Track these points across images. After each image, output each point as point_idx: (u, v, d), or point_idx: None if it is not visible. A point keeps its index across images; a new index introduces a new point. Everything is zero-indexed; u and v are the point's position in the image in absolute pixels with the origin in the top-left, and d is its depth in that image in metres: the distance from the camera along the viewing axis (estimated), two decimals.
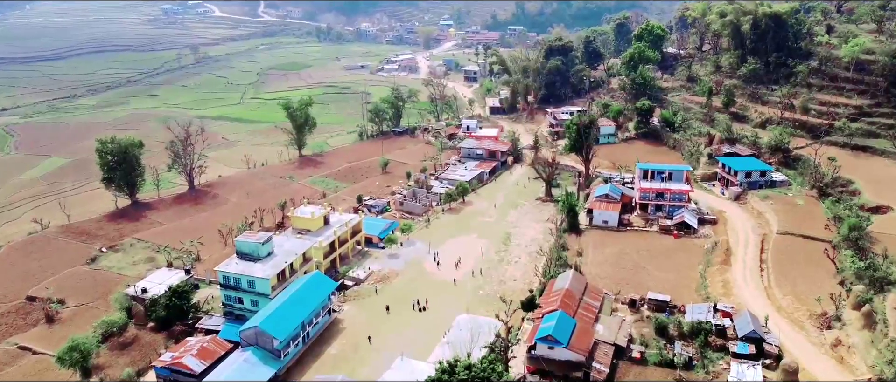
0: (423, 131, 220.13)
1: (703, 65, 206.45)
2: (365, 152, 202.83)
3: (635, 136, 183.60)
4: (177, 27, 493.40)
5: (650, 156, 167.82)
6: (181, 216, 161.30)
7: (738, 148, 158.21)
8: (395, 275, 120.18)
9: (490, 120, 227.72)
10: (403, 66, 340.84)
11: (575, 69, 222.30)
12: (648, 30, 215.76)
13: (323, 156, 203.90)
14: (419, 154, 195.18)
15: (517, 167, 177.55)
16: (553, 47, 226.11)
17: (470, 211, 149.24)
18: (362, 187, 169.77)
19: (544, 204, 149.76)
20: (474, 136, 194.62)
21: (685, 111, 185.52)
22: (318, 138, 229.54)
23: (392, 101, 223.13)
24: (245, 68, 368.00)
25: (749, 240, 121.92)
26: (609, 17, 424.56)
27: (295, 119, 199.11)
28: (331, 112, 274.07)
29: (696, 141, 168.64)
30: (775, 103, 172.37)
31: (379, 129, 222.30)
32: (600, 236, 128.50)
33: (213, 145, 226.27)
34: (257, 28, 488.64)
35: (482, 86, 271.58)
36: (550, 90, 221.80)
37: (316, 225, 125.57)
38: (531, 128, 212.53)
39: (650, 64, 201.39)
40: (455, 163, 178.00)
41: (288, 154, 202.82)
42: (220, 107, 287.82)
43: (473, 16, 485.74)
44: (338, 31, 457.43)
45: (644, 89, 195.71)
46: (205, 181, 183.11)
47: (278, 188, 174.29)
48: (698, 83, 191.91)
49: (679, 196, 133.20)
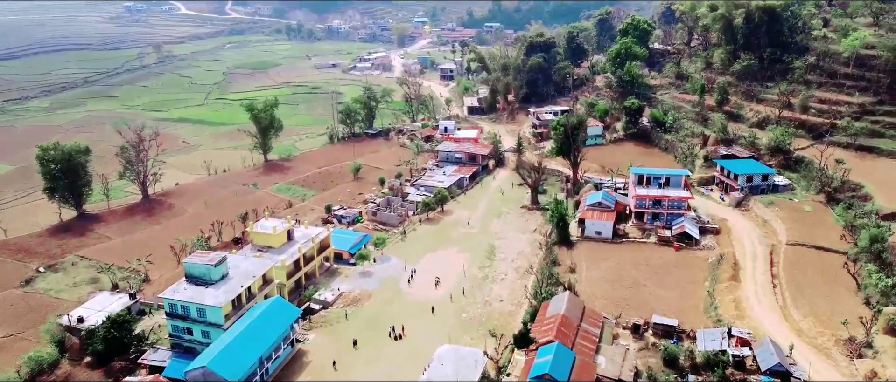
0: (398, 133, 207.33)
1: (693, 62, 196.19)
2: (335, 156, 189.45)
3: (624, 137, 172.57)
4: (140, 25, 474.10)
5: (641, 159, 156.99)
6: (132, 229, 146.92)
7: (735, 149, 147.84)
8: (367, 297, 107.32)
9: (469, 120, 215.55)
10: (377, 65, 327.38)
11: (558, 66, 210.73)
12: (634, 25, 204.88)
13: (290, 160, 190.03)
14: (394, 157, 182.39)
15: (499, 171, 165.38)
16: (534, 43, 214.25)
17: (449, 221, 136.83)
18: (332, 195, 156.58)
19: (530, 212, 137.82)
20: (452, 139, 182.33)
21: (676, 110, 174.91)
22: (286, 141, 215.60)
23: (364, 102, 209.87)
24: (210, 67, 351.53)
25: (757, 252, 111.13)
26: (587, 13, 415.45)
27: (259, 121, 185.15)
28: (300, 113, 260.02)
29: (690, 142, 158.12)
30: (772, 101, 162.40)
31: (350, 131, 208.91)
32: (594, 249, 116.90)
33: (171, 150, 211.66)
34: (224, 26, 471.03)
35: (459, 84, 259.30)
36: (532, 88, 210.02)
37: (278, 240, 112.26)
38: (513, 129, 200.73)
39: (637, 60, 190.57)
40: (432, 167, 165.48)
41: (252, 159, 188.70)
42: (183, 108, 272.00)
43: (449, 13, 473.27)
44: (308, 28, 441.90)
45: (631, 87, 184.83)
46: (160, 190, 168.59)
47: (240, 197, 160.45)
48: (689, 81, 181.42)
49: (678, 203, 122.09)
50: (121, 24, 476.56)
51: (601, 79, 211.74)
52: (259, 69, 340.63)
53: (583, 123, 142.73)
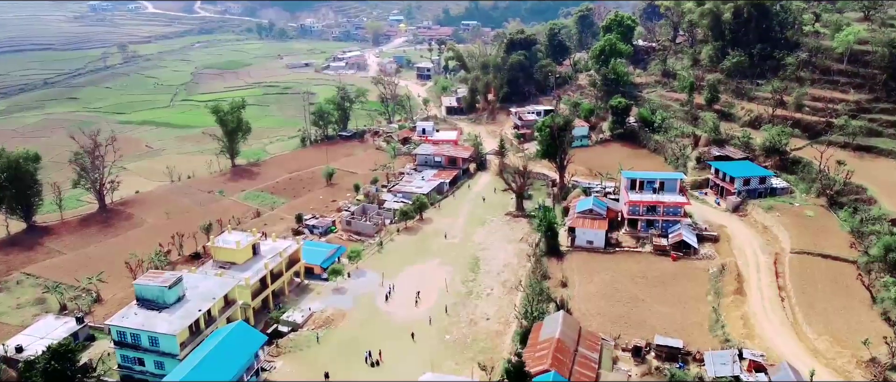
0: (374, 135, 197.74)
1: (679, 59, 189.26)
2: (308, 160, 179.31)
3: (611, 138, 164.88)
4: (105, 24, 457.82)
5: (630, 161, 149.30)
6: (86, 242, 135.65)
7: (728, 150, 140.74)
8: (340, 317, 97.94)
9: (447, 121, 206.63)
10: (351, 64, 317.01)
11: (539, 64, 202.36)
12: (618, 21, 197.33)
13: (259, 165, 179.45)
14: (369, 161, 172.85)
15: (481, 175, 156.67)
16: (515, 41, 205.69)
17: (429, 230, 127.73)
18: (304, 203, 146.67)
19: (515, 220, 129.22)
20: (431, 141, 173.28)
21: (664, 109, 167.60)
22: (256, 144, 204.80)
23: (338, 102, 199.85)
24: (178, 68, 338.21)
25: (760, 262, 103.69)
26: (566, 10, 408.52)
27: (225, 124, 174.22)
28: (271, 114, 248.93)
29: (681, 142, 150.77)
30: (764, 99, 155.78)
31: (324, 134, 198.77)
32: (586, 260, 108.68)
33: (133, 155, 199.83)
34: (194, 25, 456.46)
35: (437, 84, 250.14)
36: (513, 87, 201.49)
37: (242, 256, 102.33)
38: (494, 130, 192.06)
39: (622, 58, 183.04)
40: (410, 172, 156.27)
41: (218, 164, 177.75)
42: (147, 110, 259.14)
43: (425, 11, 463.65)
44: (280, 27, 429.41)
45: (617, 86, 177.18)
46: (119, 198, 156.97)
47: (205, 205, 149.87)
48: (677, 79, 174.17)
49: (673, 209, 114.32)
50: (85, 24, 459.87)
51: (584, 77, 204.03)
52: (229, 69, 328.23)
53: (570, 124, 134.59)
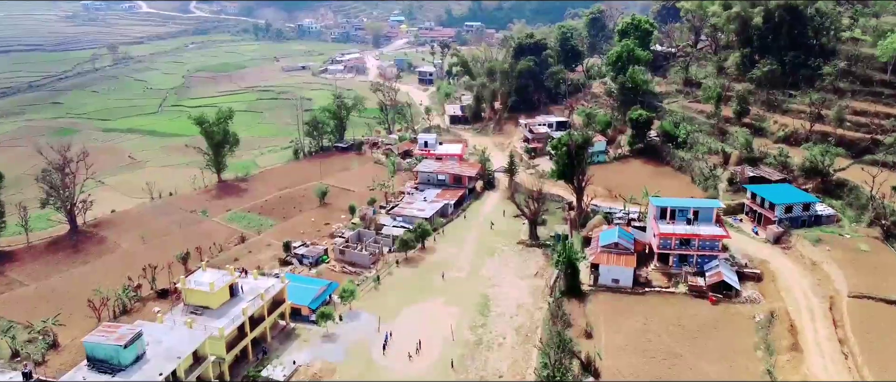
0: (372, 146, 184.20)
1: (703, 66, 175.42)
2: (301, 174, 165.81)
3: (630, 154, 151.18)
4: (97, 24, 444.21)
5: (653, 180, 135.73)
6: (52, 271, 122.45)
7: (763, 170, 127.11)
8: (330, 372, 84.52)
9: (451, 131, 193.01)
10: (349, 67, 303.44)
11: (550, 71, 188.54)
12: (634, 24, 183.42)
13: (248, 180, 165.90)
14: (366, 177, 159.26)
15: (489, 195, 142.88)
16: (524, 45, 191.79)
17: (432, 261, 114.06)
18: (294, 226, 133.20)
19: (528, 249, 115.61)
20: (433, 155, 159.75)
21: (688, 122, 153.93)
22: (246, 155, 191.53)
23: (334, 111, 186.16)
24: (169, 70, 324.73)
25: (813, 307, 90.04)
26: (572, 11, 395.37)
27: (211, 136, 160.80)
28: (264, 121, 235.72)
29: (709, 161, 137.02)
30: (798, 112, 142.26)
31: (318, 145, 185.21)
32: (612, 303, 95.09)
33: (114, 167, 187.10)
34: (188, 25, 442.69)
35: (440, 90, 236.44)
36: (522, 95, 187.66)
37: (217, 299, 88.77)
38: (501, 142, 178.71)
39: (641, 64, 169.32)
40: (411, 191, 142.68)
41: (203, 179, 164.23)
42: (134, 117, 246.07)
43: (426, 11, 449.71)
44: (277, 28, 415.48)
45: (635, 95, 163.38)
46: (92, 219, 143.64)
47: (185, 228, 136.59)
48: (701, 88, 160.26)
49: (710, 243, 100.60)
50: (77, 23, 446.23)
51: (598, 84, 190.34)
52: (222, 72, 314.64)
53: (589, 142, 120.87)
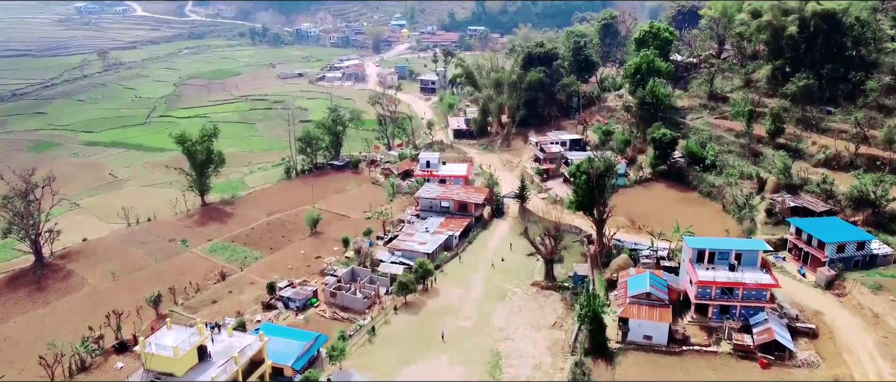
0: (370, 164, 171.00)
1: (728, 79, 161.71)
2: (292, 196, 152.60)
3: (653, 176, 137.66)
4: (90, 28, 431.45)
5: (679, 208, 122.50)
6: (10, 312, 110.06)
7: (805, 200, 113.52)
8: None
9: (455, 147, 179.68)
10: (348, 75, 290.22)
11: (562, 83, 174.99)
12: (653, 32, 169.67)
13: (234, 203, 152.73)
14: (363, 200, 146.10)
15: (498, 224, 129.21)
16: (533, 55, 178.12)
17: (435, 306, 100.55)
18: (281, 259, 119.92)
19: (544, 293, 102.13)
20: (436, 176, 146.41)
21: (715, 141, 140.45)
22: (235, 173, 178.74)
23: (329, 126, 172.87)
24: (161, 77, 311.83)
25: (883, 374, 76.48)
26: (579, 15, 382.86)
27: (194, 156, 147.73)
28: (257, 134, 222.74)
29: (741, 186, 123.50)
30: (838, 132, 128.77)
31: (312, 162, 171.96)
32: (644, 364, 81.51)
33: (90, 188, 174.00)
34: (183, 29, 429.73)
35: (443, 101, 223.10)
36: (531, 109, 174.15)
37: (184, 365, 75.23)
38: (509, 161, 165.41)
39: (662, 77, 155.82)
40: (411, 219, 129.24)
41: (185, 202, 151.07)
42: (120, 128, 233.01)
43: (428, 14, 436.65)
44: (274, 32, 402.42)
45: (656, 110, 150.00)
46: (61, 249, 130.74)
47: (162, 261, 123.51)
48: (731, 104, 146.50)
49: (756, 293, 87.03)
50: (68, 27, 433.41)
51: (613, 97, 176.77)
52: (216, 79, 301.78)
53: (611, 168, 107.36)
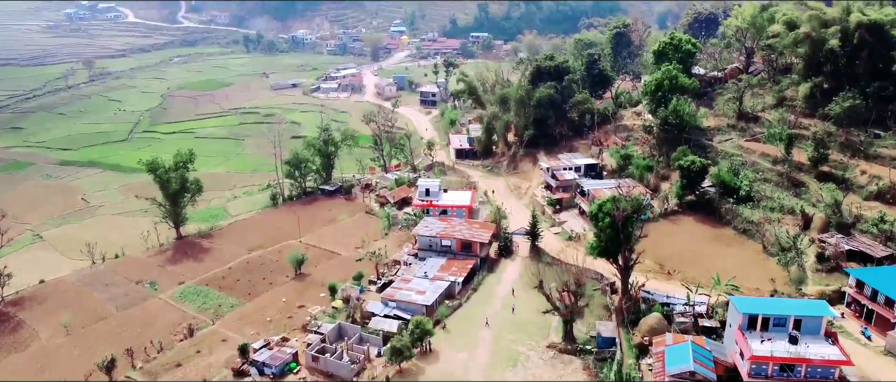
0: (365, 189, 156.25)
1: (758, 96, 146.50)
2: (276, 228, 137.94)
3: (679, 208, 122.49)
4: (79, 35, 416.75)
5: (712, 248, 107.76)
6: None
7: (861, 242, 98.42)
8: None
9: (456, 169, 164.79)
10: (344, 86, 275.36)
11: (574, 100, 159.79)
12: (674, 44, 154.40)
13: (213, 236, 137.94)
14: (355, 232, 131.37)
15: (506, 266, 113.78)
16: (542, 69, 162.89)
17: (434, 374, 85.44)
18: (260, 308, 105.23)
19: (562, 357, 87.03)
20: (436, 206, 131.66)
21: (748, 166, 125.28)
22: (218, 197, 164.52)
23: (319, 147, 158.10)
24: (149, 88, 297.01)
25: None
26: (586, 21, 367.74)
27: (167, 186, 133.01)
28: (244, 151, 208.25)
29: (783, 223, 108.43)
30: (890, 159, 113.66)
31: (301, 188, 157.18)
32: None
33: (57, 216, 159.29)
34: (175, 36, 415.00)
35: (444, 115, 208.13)
36: (540, 128, 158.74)
37: None
38: (517, 185, 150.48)
39: (686, 94, 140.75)
40: (408, 260, 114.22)
41: (158, 235, 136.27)
42: (99, 146, 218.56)
43: (429, 20, 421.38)
44: (269, 39, 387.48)
45: (680, 132, 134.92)
46: (14, 292, 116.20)
47: (126, 309, 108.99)
48: (766, 126, 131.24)
49: (823, 370, 71.93)
50: (57, 34, 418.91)
51: (629, 114, 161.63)
52: (205, 90, 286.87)
53: (640, 209, 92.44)
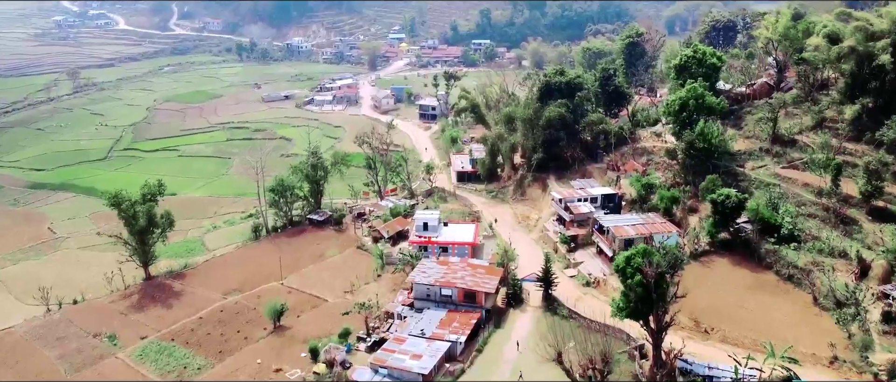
0: (357, 218, 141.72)
1: (792, 116, 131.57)
2: (257, 267, 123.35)
3: (712, 248, 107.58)
4: (68, 43, 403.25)
5: (755, 298, 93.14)
6: None
7: None
8: None
9: (458, 195, 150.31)
10: (340, 98, 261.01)
11: (588, 120, 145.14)
12: (697, 58, 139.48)
13: (185, 276, 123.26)
14: (345, 273, 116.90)
15: (515, 318, 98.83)
16: (552, 85, 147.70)
17: None
18: (231, 372, 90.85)
19: None
20: (436, 243, 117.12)
21: (787, 199, 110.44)
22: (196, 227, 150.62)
23: (307, 173, 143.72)
24: (134, 100, 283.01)
25: None
26: (592, 27, 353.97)
27: (132, 222, 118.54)
28: (231, 172, 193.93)
29: (835, 270, 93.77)
30: None
31: (287, 218, 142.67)
32: None
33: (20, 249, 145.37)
34: (166, 44, 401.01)
35: (445, 132, 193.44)
36: (550, 150, 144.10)
37: None
38: (525, 215, 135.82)
39: (714, 115, 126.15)
40: (402, 311, 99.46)
41: (123, 276, 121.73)
42: (74, 166, 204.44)
43: (429, 26, 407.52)
44: (263, 47, 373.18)
45: (707, 158, 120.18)
46: None
47: (79, 371, 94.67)
48: (808, 153, 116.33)
49: None
50: (44, 43, 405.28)
51: (647, 135, 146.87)
52: (194, 102, 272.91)
53: (678, 264, 77.81)
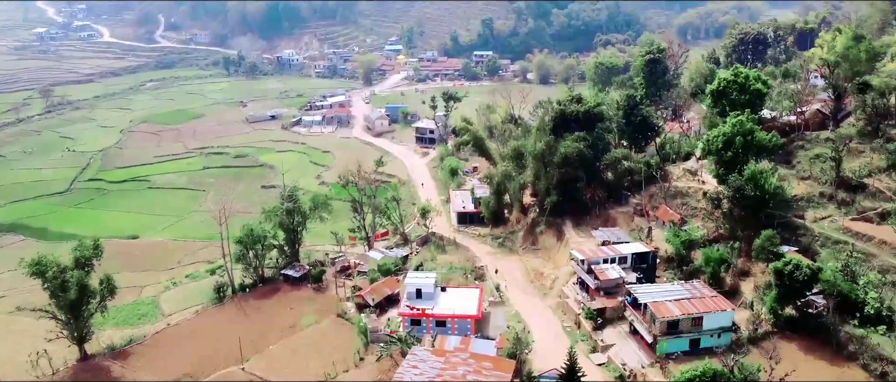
0: (341, 273, 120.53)
1: (856, 154, 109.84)
2: (217, 342, 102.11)
3: (775, 329, 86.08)
4: (47, 57, 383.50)
5: None
6: None
7: None
8: None
9: (458, 243, 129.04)
10: (329, 118, 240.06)
11: (612, 157, 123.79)
12: (738, 82, 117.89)
13: (129, 355, 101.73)
14: (320, 353, 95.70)
15: None
16: (568, 115, 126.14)
17: None
18: None
19: None
20: (432, 315, 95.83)
21: (862, 262, 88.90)
22: (154, 283, 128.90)
23: (281, 220, 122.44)
24: (109, 121, 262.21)
25: None
26: (602, 37, 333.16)
27: (61, 293, 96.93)
28: (203, 208, 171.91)
29: None
30: None
31: (258, 275, 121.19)
32: None
33: None
34: (151, 57, 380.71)
35: (444, 163, 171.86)
36: (567, 191, 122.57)
37: None
38: (538, 271, 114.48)
39: (765, 155, 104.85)
40: None
41: (58, 353, 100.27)
42: (31, 201, 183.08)
43: (428, 37, 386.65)
44: (252, 61, 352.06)
45: (760, 207, 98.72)
46: None
47: None
48: (868, 193, 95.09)
49: None
50: (24, 56, 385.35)
51: (681, 173, 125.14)
52: (172, 123, 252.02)
53: None
